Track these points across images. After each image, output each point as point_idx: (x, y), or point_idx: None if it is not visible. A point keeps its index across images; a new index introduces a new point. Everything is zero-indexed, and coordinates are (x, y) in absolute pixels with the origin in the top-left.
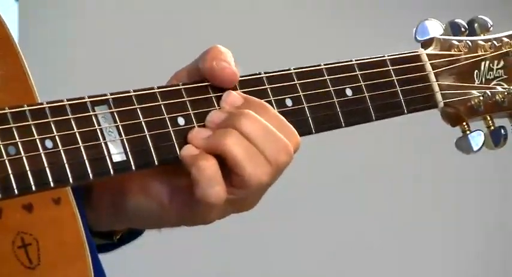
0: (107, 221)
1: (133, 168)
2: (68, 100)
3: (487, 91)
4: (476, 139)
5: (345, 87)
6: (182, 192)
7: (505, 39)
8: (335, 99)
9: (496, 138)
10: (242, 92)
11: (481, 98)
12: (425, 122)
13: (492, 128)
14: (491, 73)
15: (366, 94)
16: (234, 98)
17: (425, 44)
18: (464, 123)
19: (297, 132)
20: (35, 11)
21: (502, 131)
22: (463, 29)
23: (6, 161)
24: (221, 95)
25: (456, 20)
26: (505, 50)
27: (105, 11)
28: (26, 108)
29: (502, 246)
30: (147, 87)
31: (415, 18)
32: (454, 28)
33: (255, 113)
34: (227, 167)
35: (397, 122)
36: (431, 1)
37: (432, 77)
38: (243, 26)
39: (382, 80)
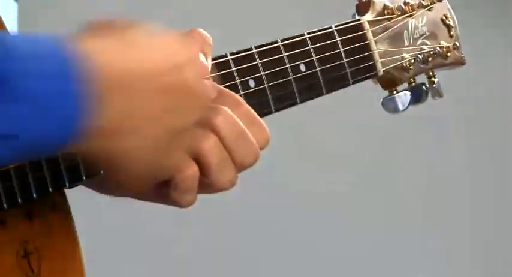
0: None
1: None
2: None
3: (418, 54)
4: (403, 99)
5: (299, 63)
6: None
7: None
8: (291, 76)
9: (417, 94)
10: (211, 76)
11: (412, 61)
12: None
13: (413, 84)
14: (417, 31)
15: (318, 68)
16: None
17: (362, 7)
18: (395, 87)
19: (266, 128)
20: (35, 11)
21: (424, 87)
22: None
23: (11, 170)
24: None
25: None
26: (428, 6)
27: (105, 12)
28: None
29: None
30: None
31: None
32: None
33: (228, 107)
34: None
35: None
36: None
37: (373, 46)
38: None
39: (331, 53)
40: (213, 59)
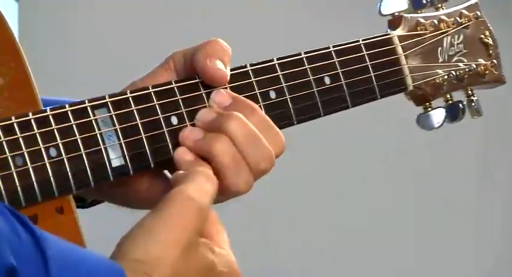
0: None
1: (131, 172)
2: (69, 105)
3: (452, 71)
4: (438, 116)
5: (324, 76)
6: (162, 184)
7: (464, 12)
8: (315, 89)
9: (453, 112)
10: (229, 86)
11: (446, 77)
12: None
13: (450, 102)
14: (453, 49)
15: (343, 81)
16: (222, 97)
17: (393, 24)
18: (428, 103)
19: (282, 136)
20: (35, 11)
21: (460, 105)
22: (424, 2)
23: (14, 173)
24: (211, 91)
25: None
26: (464, 24)
27: (106, 11)
28: (31, 117)
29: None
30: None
31: None
32: (415, 1)
33: (243, 114)
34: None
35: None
36: None
37: (403, 60)
38: (243, 21)
39: (357, 66)
40: (233, 69)
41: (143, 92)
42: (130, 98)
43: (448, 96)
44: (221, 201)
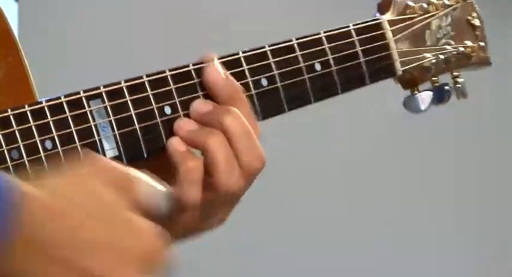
0: None
1: (125, 162)
2: (65, 96)
3: (439, 55)
4: (424, 98)
5: (314, 62)
6: None
7: None
8: (306, 76)
9: (440, 95)
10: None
11: (434, 61)
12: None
13: (436, 84)
14: (441, 31)
15: (334, 68)
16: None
17: (383, 6)
18: (416, 86)
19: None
20: (35, 11)
21: (446, 87)
22: None
23: (10, 167)
24: None
25: None
26: (452, 5)
27: (105, 11)
28: (27, 109)
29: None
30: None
31: None
32: None
33: (237, 108)
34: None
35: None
36: None
37: (393, 46)
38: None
39: (347, 52)
40: (225, 57)
41: (137, 82)
42: (124, 87)
43: (435, 78)
44: (211, 198)
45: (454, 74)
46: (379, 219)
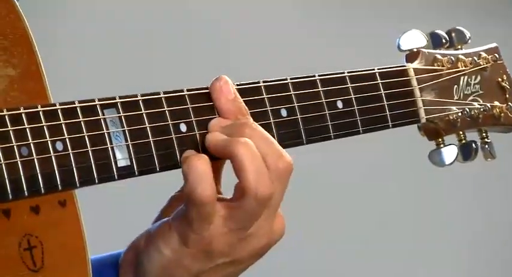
0: None
1: (136, 173)
2: (79, 102)
3: (466, 108)
4: (450, 153)
5: (337, 100)
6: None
7: (483, 54)
8: (327, 111)
9: (467, 152)
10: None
11: (460, 114)
12: None
13: (464, 141)
14: (469, 88)
15: (356, 107)
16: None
17: (411, 56)
18: (440, 138)
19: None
20: (35, 11)
21: (473, 145)
22: (444, 41)
23: (19, 162)
24: None
25: (437, 31)
26: (482, 65)
27: (106, 11)
28: (39, 109)
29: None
30: (153, 92)
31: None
32: (435, 39)
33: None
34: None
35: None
36: None
37: (417, 93)
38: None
39: (371, 94)
40: (245, 84)
41: (154, 97)
42: (140, 101)
43: (462, 134)
44: (243, 211)
45: (483, 134)
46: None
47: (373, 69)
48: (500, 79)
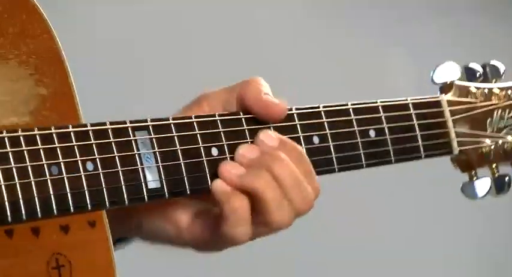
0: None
1: (166, 195)
2: (110, 123)
3: (499, 141)
4: (483, 186)
5: (369, 128)
6: (204, 219)
7: None
8: (359, 140)
9: (500, 185)
10: (273, 126)
11: (493, 147)
12: None
13: (496, 175)
14: (502, 122)
15: (388, 136)
16: (270, 139)
17: (445, 88)
18: (473, 171)
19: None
20: None
21: (506, 179)
22: (477, 75)
23: (49, 181)
24: (254, 128)
25: (471, 65)
26: None
27: (106, 11)
28: (70, 129)
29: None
30: (185, 116)
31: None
32: (469, 73)
33: (288, 156)
34: (255, 207)
35: None
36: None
37: (450, 124)
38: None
39: (403, 123)
40: None
41: (185, 121)
42: (172, 124)
43: (494, 167)
44: (264, 234)
45: None
46: None
47: (406, 100)
48: None
